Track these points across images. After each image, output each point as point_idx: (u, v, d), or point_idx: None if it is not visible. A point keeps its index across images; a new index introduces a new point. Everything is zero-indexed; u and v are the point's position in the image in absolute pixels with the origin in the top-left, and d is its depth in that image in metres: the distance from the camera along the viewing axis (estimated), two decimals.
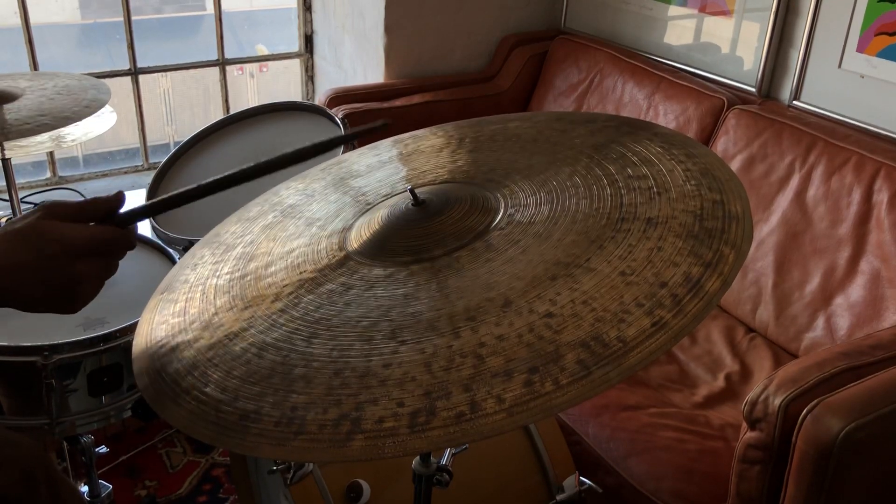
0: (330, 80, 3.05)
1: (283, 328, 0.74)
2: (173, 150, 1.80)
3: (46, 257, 0.73)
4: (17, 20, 2.48)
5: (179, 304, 0.84)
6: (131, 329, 1.36)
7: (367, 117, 2.48)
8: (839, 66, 1.99)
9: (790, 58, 2.14)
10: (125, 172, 2.90)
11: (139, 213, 0.81)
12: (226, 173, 0.81)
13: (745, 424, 1.34)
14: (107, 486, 1.62)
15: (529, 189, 0.83)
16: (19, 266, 0.73)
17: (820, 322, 1.79)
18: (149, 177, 1.74)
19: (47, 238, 0.74)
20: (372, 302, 0.73)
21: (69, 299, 0.76)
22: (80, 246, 0.75)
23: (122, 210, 0.80)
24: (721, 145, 2.09)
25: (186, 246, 1.53)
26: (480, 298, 0.69)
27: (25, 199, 2.34)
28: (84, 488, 1.61)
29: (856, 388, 1.28)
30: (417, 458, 0.91)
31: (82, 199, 0.79)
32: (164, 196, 0.81)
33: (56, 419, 1.33)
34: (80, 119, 1.60)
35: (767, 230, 1.93)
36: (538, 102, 2.72)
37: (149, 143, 2.88)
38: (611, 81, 2.48)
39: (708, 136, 2.15)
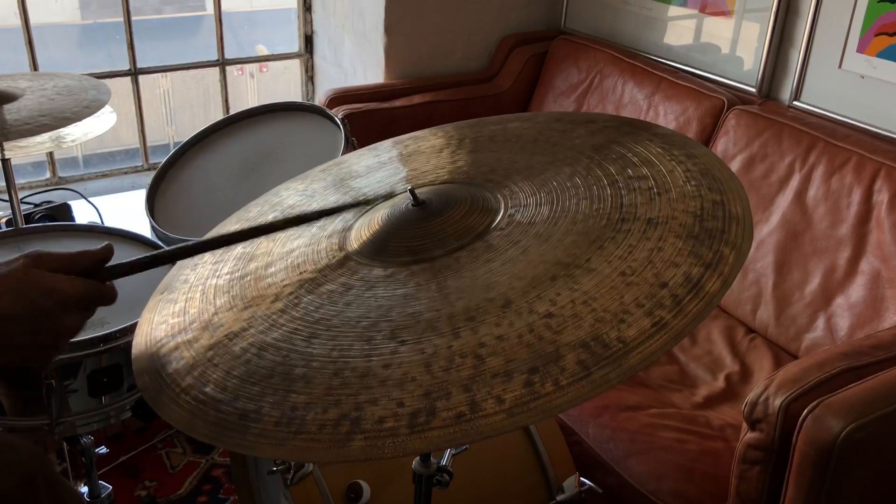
0: (330, 80, 3.05)
1: (283, 328, 0.74)
2: (173, 150, 1.80)
3: (39, 309, 0.72)
4: (17, 20, 2.48)
5: (179, 304, 0.84)
6: (131, 329, 1.36)
7: (368, 117, 2.48)
8: (839, 66, 1.99)
9: (790, 58, 2.14)
10: (125, 172, 2.90)
11: (123, 271, 0.79)
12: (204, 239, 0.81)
13: (745, 425, 1.34)
14: (107, 487, 1.62)
15: (529, 189, 0.83)
16: (9, 316, 0.71)
17: (820, 322, 1.79)
18: (149, 177, 1.74)
19: (41, 290, 0.72)
20: (372, 302, 0.73)
21: (49, 351, 0.75)
22: (72, 301, 0.73)
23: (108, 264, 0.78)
24: (721, 145, 2.09)
25: None
26: (480, 299, 0.69)
27: (25, 200, 2.33)
28: (84, 489, 1.60)
29: (856, 389, 1.28)
30: (417, 458, 0.91)
31: (69, 252, 0.78)
32: (151, 254, 0.80)
33: (56, 419, 1.32)
34: (79, 119, 1.60)
35: (767, 230, 1.93)
36: (538, 103, 2.72)
37: (149, 144, 2.88)
38: (611, 82, 2.48)
39: (708, 137, 2.15)
